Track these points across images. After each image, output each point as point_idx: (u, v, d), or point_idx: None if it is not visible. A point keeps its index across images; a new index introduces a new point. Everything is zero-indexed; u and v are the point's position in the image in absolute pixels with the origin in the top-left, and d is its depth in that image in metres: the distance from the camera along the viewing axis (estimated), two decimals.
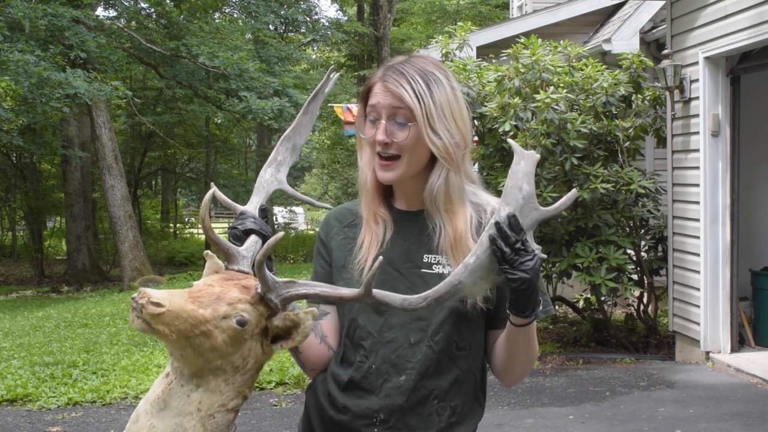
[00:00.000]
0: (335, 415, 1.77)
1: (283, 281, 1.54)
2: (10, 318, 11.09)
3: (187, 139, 22.91)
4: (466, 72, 7.45)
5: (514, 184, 1.50)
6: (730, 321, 6.79)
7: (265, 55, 18.01)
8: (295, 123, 1.88)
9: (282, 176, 1.87)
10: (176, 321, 1.46)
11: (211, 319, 1.49)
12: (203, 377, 1.54)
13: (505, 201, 1.50)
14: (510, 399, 5.90)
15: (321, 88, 1.89)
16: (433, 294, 1.50)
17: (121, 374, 6.63)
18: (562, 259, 6.89)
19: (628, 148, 7.37)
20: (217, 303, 1.50)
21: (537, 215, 1.51)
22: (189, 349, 1.50)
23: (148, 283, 14.81)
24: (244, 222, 1.71)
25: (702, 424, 5.22)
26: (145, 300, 1.44)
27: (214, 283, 1.55)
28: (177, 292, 1.50)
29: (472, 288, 1.52)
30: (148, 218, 25.28)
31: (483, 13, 23.38)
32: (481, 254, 1.50)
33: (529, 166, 1.50)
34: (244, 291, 1.54)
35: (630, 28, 9.41)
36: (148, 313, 1.45)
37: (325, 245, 1.87)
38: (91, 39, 13.63)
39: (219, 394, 1.55)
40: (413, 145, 1.69)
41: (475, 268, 1.50)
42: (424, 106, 1.67)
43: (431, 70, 1.72)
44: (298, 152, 1.91)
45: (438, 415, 1.72)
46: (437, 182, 1.71)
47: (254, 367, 1.59)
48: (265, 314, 1.55)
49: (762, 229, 7.68)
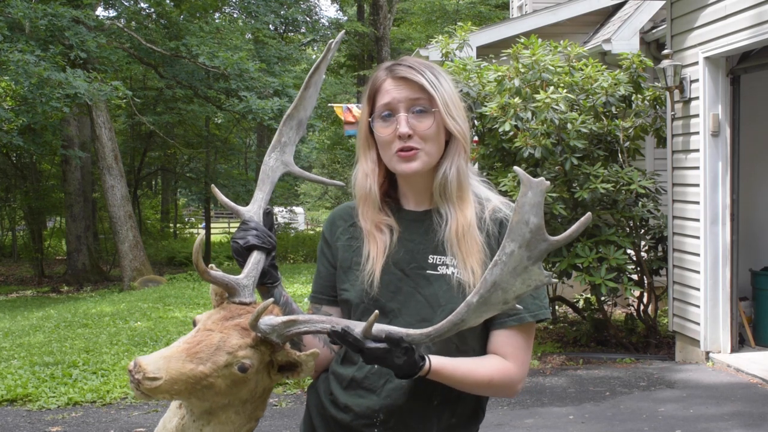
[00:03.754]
0: (336, 414, 1.77)
1: (283, 321, 1.53)
2: (10, 318, 11.09)
3: (187, 139, 22.89)
4: (466, 72, 7.45)
5: (520, 218, 1.44)
6: (730, 321, 6.79)
7: (265, 55, 18.02)
8: (297, 99, 1.84)
9: (288, 158, 1.83)
10: (176, 385, 1.46)
11: (211, 374, 1.48)
12: (213, 413, 1.55)
13: (511, 237, 1.45)
14: (510, 399, 5.90)
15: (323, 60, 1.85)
16: (435, 332, 1.52)
17: (121, 374, 6.62)
18: (562, 259, 6.89)
19: (628, 148, 7.37)
20: (217, 354, 1.49)
21: (546, 246, 1.46)
22: (193, 398, 1.51)
23: (148, 283, 14.81)
24: (246, 236, 1.68)
25: (702, 424, 5.22)
26: (140, 375, 1.43)
27: (213, 327, 1.53)
28: (174, 353, 1.47)
29: (476, 320, 1.53)
30: (148, 218, 25.28)
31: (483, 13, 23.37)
32: (485, 293, 1.49)
33: (537, 196, 1.44)
34: (244, 333, 1.53)
35: (630, 28, 9.41)
36: (145, 388, 1.44)
37: (329, 246, 1.86)
38: (91, 39, 13.63)
39: (231, 424, 1.57)
40: (435, 133, 1.70)
41: (479, 306, 1.50)
42: (440, 92, 1.69)
43: (430, 64, 1.75)
44: (304, 127, 1.87)
45: (438, 417, 1.72)
46: (451, 170, 1.72)
47: (264, 393, 1.60)
48: (268, 351, 1.56)
49: (762, 229, 7.68)
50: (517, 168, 1.51)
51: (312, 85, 1.85)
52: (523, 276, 1.48)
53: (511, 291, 1.49)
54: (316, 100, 1.90)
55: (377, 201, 1.76)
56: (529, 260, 1.46)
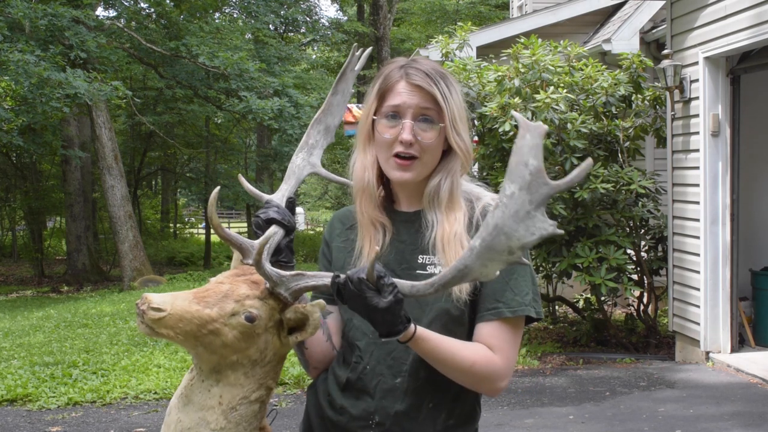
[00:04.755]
0: (333, 415, 1.77)
1: (291, 274, 1.55)
2: (10, 318, 11.09)
3: (187, 139, 22.90)
4: (466, 72, 7.45)
5: (519, 159, 1.40)
6: (730, 321, 6.79)
7: (265, 55, 18.02)
8: (324, 104, 1.87)
9: (315, 159, 1.86)
10: (180, 323, 1.47)
11: (217, 318, 1.50)
12: (222, 372, 1.55)
13: (510, 178, 1.41)
14: (510, 399, 5.90)
15: (348, 66, 1.87)
16: (440, 280, 1.49)
17: (121, 374, 6.62)
18: (562, 259, 6.89)
19: (628, 148, 7.37)
20: (224, 301, 1.51)
21: (547, 190, 1.40)
22: (201, 347, 1.52)
23: (148, 283, 14.81)
24: (267, 211, 1.71)
25: (702, 424, 5.22)
26: (146, 306, 1.46)
27: (224, 280, 1.57)
28: (181, 294, 1.51)
29: (483, 270, 1.47)
30: (148, 218, 25.27)
31: (483, 13, 23.38)
32: (486, 236, 1.44)
33: (536, 138, 1.40)
34: (254, 286, 1.55)
35: (630, 28, 9.41)
36: (150, 318, 1.46)
37: (328, 246, 1.88)
38: (91, 39, 13.63)
39: (240, 387, 1.56)
40: (435, 146, 1.70)
41: (482, 251, 1.45)
42: (450, 107, 1.69)
43: (444, 72, 1.74)
44: (332, 133, 1.89)
45: (433, 418, 1.71)
46: (445, 183, 1.72)
47: (274, 359, 1.60)
48: (277, 308, 1.56)
49: (762, 229, 7.68)
50: (515, 113, 1.50)
51: (339, 92, 1.88)
52: (526, 222, 1.41)
53: (515, 238, 1.42)
54: (344, 110, 1.91)
55: (374, 195, 1.77)
56: (531, 204, 1.40)
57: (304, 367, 1.85)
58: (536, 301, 1.72)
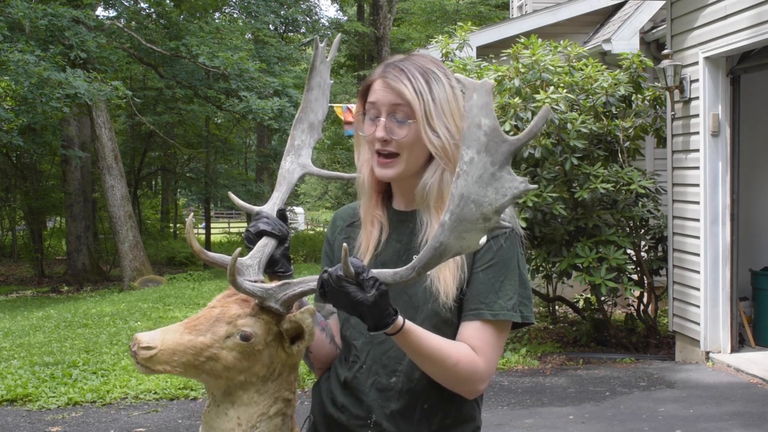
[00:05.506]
0: (334, 412, 1.78)
1: (278, 285, 1.53)
2: (10, 318, 11.09)
3: (187, 139, 22.91)
4: (466, 72, 7.45)
5: (471, 122, 1.35)
6: (730, 321, 6.79)
7: (265, 55, 18.02)
8: (302, 103, 1.84)
9: (305, 160, 1.83)
10: (174, 356, 1.47)
11: (212, 344, 1.49)
12: (234, 394, 1.55)
13: (466, 143, 1.35)
14: (510, 399, 5.91)
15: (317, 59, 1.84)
16: (418, 262, 1.46)
17: (121, 374, 6.62)
18: (562, 259, 6.89)
19: (628, 148, 7.37)
20: (216, 325, 1.51)
21: (507, 147, 1.35)
22: (204, 375, 1.52)
23: (148, 283, 14.81)
24: (256, 223, 1.70)
25: (702, 424, 5.22)
26: (136, 346, 1.46)
27: (216, 304, 1.56)
28: (172, 327, 1.51)
29: (461, 243, 1.42)
30: (148, 218, 25.28)
31: (483, 13, 23.38)
32: (455, 209, 1.39)
33: (484, 96, 1.34)
34: (244, 304, 1.54)
35: (630, 28, 9.41)
36: (142, 357, 1.47)
37: (330, 245, 1.88)
38: (91, 39, 13.64)
39: (255, 405, 1.56)
40: (412, 142, 1.69)
41: (453, 224, 1.40)
42: (423, 103, 1.66)
43: (431, 68, 1.71)
44: (317, 130, 1.86)
45: (428, 418, 1.72)
46: (431, 180, 1.70)
47: (285, 371, 1.59)
48: (273, 321, 1.55)
49: (762, 229, 7.68)
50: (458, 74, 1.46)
51: (314, 87, 1.84)
52: (494, 185, 1.37)
53: (486, 203, 1.37)
54: (326, 103, 1.88)
55: (372, 192, 1.78)
56: (493, 165, 1.36)
57: (311, 368, 1.86)
58: (525, 305, 1.69)
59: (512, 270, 1.68)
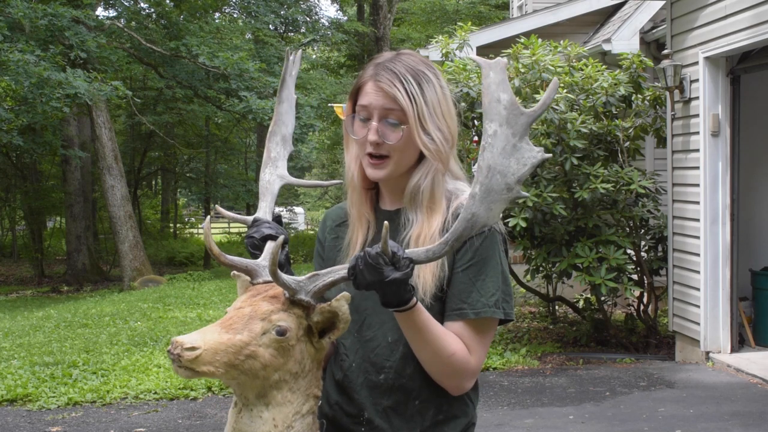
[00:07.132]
0: (330, 411, 1.80)
1: (306, 277, 1.55)
2: (10, 318, 11.09)
3: (187, 139, 22.92)
4: (466, 72, 7.45)
5: (491, 98, 1.46)
6: (730, 321, 6.79)
7: (265, 55, 18.02)
8: (274, 116, 1.88)
9: (282, 171, 1.87)
10: (217, 356, 1.46)
11: (250, 341, 1.49)
12: (267, 395, 1.55)
13: (489, 117, 1.46)
14: (510, 399, 5.91)
15: (286, 73, 1.87)
16: (452, 235, 1.51)
17: (121, 374, 6.62)
18: (562, 259, 6.89)
19: (628, 148, 7.37)
20: (251, 323, 1.51)
21: (525, 119, 1.46)
22: (242, 376, 1.51)
23: (148, 283, 14.81)
24: (259, 229, 1.71)
25: (702, 424, 5.22)
26: (179, 349, 1.44)
27: (243, 304, 1.55)
28: (208, 328, 1.50)
29: (489, 214, 1.50)
30: (148, 218, 25.30)
31: (483, 13, 23.37)
32: (484, 180, 1.47)
33: (500, 73, 1.46)
34: (274, 301, 1.55)
35: (630, 28, 9.41)
36: (187, 360, 1.44)
37: (321, 244, 1.90)
38: (91, 39, 13.64)
39: (289, 404, 1.56)
40: (404, 146, 1.69)
41: (483, 194, 1.48)
42: (416, 107, 1.67)
43: (422, 69, 1.71)
44: (289, 142, 1.90)
45: (421, 414, 1.72)
46: (424, 181, 1.71)
47: (313, 366, 1.60)
48: (303, 314, 1.56)
49: (762, 229, 7.68)
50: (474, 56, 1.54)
51: (284, 100, 1.88)
52: (515, 155, 1.47)
53: (510, 174, 1.47)
54: (293, 115, 1.91)
55: (360, 190, 1.78)
56: (514, 137, 1.45)
57: None
58: (506, 302, 1.70)
59: (493, 267, 1.69)
